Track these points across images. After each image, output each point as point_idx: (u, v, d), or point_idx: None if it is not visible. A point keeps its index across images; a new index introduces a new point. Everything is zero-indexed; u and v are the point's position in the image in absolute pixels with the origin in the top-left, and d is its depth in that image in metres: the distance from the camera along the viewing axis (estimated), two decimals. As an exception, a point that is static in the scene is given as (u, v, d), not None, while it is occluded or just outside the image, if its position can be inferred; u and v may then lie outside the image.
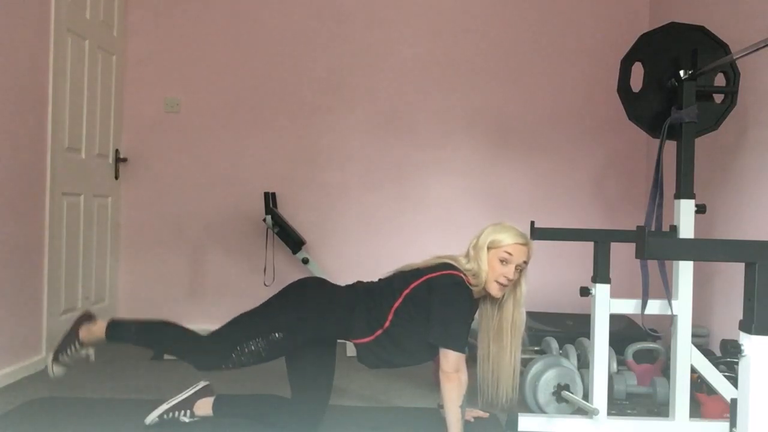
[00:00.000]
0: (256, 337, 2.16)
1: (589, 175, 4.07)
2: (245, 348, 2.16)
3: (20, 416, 2.37)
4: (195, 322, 3.97)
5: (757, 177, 2.89)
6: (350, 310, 2.19)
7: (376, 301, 2.19)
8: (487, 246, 2.16)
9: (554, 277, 3.93)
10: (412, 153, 4.06)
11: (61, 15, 3.23)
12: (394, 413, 2.55)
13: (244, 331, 2.19)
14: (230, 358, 2.17)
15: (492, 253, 2.15)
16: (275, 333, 2.15)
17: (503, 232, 2.17)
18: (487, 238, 2.17)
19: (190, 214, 4.07)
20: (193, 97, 4.08)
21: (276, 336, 2.15)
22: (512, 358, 2.24)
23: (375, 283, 2.30)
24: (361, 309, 2.19)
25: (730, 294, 3.04)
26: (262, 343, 2.15)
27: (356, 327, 2.18)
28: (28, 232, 3.01)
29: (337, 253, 4.01)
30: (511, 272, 2.15)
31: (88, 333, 2.32)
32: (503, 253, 2.14)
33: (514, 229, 2.20)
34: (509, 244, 2.15)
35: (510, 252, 2.15)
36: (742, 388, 1.35)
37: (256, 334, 2.16)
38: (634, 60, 2.55)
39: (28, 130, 3.01)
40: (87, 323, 2.34)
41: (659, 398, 2.62)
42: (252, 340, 2.16)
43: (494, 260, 2.15)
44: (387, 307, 2.17)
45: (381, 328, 2.15)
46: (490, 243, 2.16)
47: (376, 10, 4.08)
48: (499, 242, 2.15)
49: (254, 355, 2.16)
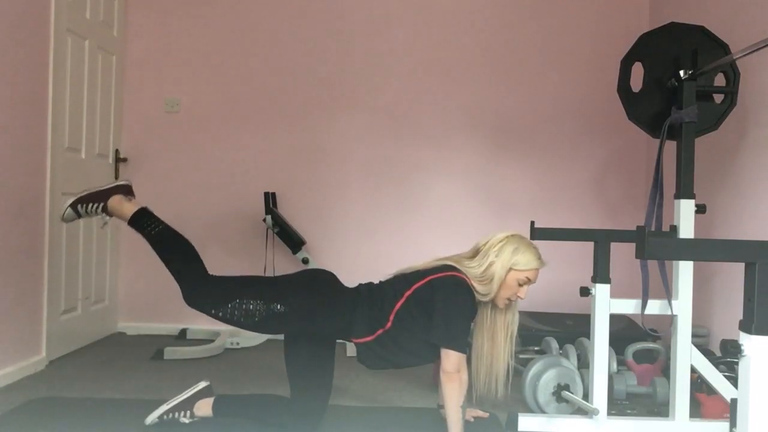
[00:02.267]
0: (259, 299, 2.12)
1: (590, 175, 4.07)
2: (243, 304, 2.12)
3: (20, 416, 2.37)
4: (195, 322, 4.02)
5: (757, 177, 2.89)
6: (352, 310, 2.19)
7: (377, 302, 2.19)
8: (511, 267, 2.15)
9: (554, 277, 3.92)
10: (412, 153, 4.06)
11: (61, 15, 3.23)
12: (394, 413, 2.55)
13: (249, 289, 2.15)
14: (225, 306, 2.14)
15: (512, 273, 2.15)
16: (278, 304, 2.12)
17: (527, 254, 2.16)
18: (512, 258, 2.15)
19: (190, 214, 4.07)
20: (193, 97, 4.08)
21: (278, 308, 2.12)
22: (506, 356, 2.26)
23: (376, 285, 2.30)
24: (363, 309, 2.18)
25: (730, 294, 3.04)
26: (262, 307, 2.12)
27: (357, 326, 2.17)
28: (28, 232, 3.01)
29: (337, 253, 4.01)
30: (524, 292, 2.17)
31: (118, 204, 2.27)
32: (524, 277, 2.16)
33: (537, 250, 2.19)
34: (533, 270, 2.16)
35: (530, 278, 2.17)
36: (742, 388, 1.34)
37: (259, 296, 2.13)
38: (634, 60, 2.55)
39: (28, 130, 3.01)
40: (123, 195, 2.28)
41: (659, 398, 2.62)
42: (254, 300, 2.12)
43: (513, 280, 2.16)
44: (389, 307, 2.16)
45: (382, 328, 2.15)
46: (513, 264, 2.15)
47: (376, 10, 4.09)
48: (523, 265, 2.15)
49: (248, 316, 2.12)
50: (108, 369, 3.15)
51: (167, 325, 4.02)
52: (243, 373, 3.12)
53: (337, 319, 2.18)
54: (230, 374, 3.09)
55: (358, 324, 2.17)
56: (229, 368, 3.22)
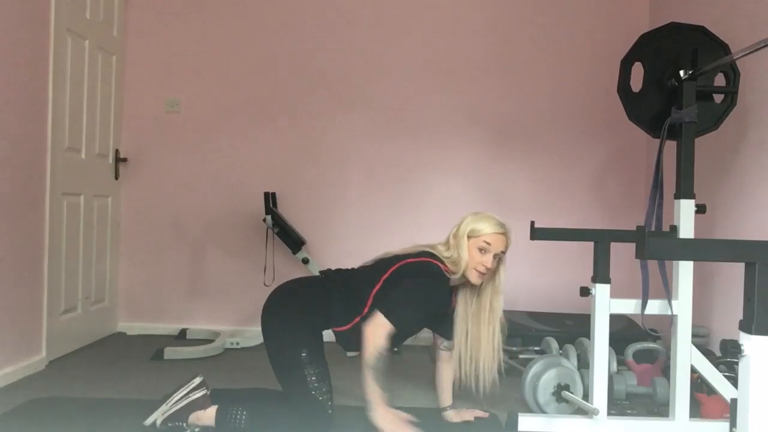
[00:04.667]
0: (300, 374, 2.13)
1: (589, 175, 4.07)
2: (314, 384, 2.13)
3: (20, 416, 2.37)
4: (195, 322, 4.02)
5: (757, 177, 2.89)
6: (328, 301, 2.23)
7: (355, 289, 2.23)
8: (467, 235, 2.22)
9: (554, 277, 3.93)
10: (412, 153, 4.06)
11: (61, 15, 3.23)
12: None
13: (296, 383, 2.15)
14: (318, 402, 2.14)
15: (471, 242, 2.22)
16: (302, 352, 2.14)
17: (483, 222, 2.23)
18: (467, 227, 2.24)
19: (190, 214, 4.07)
20: (193, 97, 4.08)
21: (303, 355, 2.14)
22: (491, 339, 2.28)
23: (353, 271, 2.33)
24: (340, 298, 2.23)
25: (730, 294, 3.04)
26: (310, 370, 2.14)
27: (335, 316, 2.21)
28: (28, 232, 3.01)
29: (337, 253, 4.01)
30: (489, 261, 2.21)
31: (197, 420, 2.20)
32: (482, 243, 2.21)
33: (494, 218, 2.25)
34: (488, 234, 2.21)
35: (488, 241, 2.21)
36: (742, 388, 1.35)
37: (299, 375, 2.13)
38: (634, 60, 2.55)
39: (28, 130, 3.01)
40: (199, 410, 2.20)
41: (659, 398, 2.62)
42: (304, 378, 2.13)
43: (473, 249, 2.22)
44: (366, 293, 2.20)
45: (359, 315, 2.18)
46: (470, 232, 2.23)
47: (376, 10, 4.09)
48: (478, 231, 2.22)
49: (322, 379, 2.15)
50: (108, 369, 3.15)
51: (167, 325, 4.03)
52: (243, 373, 3.12)
53: (318, 317, 2.22)
54: (230, 374, 3.09)
55: (336, 313, 2.21)
56: (229, 368, 3.22)
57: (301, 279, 2.40)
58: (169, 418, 2.19)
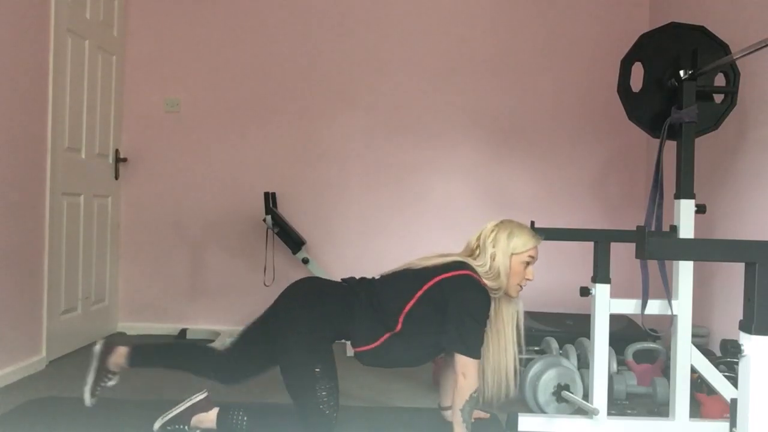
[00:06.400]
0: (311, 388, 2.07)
1: (590, 175, 4.07)
2: (323, 399, 2.07)
3: (20, 416, 2.37)
4: (195, 322, 4.02)
5: (757, 177, 2.89)
6: (350, 317, 2.14)
7: (380, 304, 2.14)
8: (511, 252, 2.14)
9: (554, 277, 3.93)
10: (412, 152, 4.06)
11: (61, 15, 3.23)
12: (394, 413, 2.55)
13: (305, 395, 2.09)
14: (325, 416, 2.08)
15: (515, 258, 2.15)
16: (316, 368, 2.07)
17: (521, 236, 2.16)
18: (509, 244, 2.14)
19: (190, 214, 4.07)
20: (193, 97, 4.08)
21: (317, 371, 2.07)
22: (514, 349, 2.23)
23: (376, 282, 2.24)
24: (364, 316, 2.13)
25: (730, 294, 3.04)
26: (322, 384, 2.07)
27: (359, 333, 2.13)
28: (28, 232, 3.01)
29: (337, 253, 4.01)
30: (531, 272, 2.18)
31: (199, 423, 2.20)
32: (527, 257, 2.16)
33: (527, 228, 2.20)
34: (531, 248, 2.16)
35: (533, 255, 2.17)
36: (742, 388, 1.35)
37: (310, 389, 2.07)
38: (634, 60, 2.55)
39: (28, 130, 3.01)
40: (201, 412, 2.19)
41: (659, 398, 2.62)
42: (315, 392, 2.06)
43: (518, 265, 2.16)
44: (396, 309, 2.11)
45: (390, 332, 2.10)
46: (513, 249, 2.14)
47: (376, 10, 4.08)
48: (521, 247, 2.15)
49: (332, 394, 2.09)
50: (108, 369, 3.15)
51: (167, 325, 4.02)
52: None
53: (334, 327, 2.14)
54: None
55: (360, 331, 2.13)
56: (229, 368, 3.22)
57: (327, 284, 2.28)
58: (170, 421, 2.19)
